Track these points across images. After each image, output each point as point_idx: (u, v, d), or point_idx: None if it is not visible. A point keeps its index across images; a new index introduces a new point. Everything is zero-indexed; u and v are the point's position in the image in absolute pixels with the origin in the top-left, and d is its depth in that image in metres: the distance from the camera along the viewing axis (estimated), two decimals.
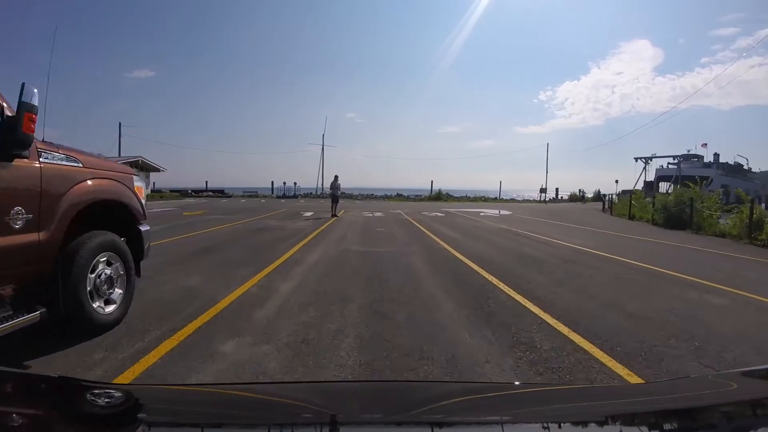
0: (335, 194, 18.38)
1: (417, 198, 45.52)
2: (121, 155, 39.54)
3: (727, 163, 60.41)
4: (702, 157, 61.43)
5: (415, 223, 15.84)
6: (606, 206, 28.25)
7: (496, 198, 49.01)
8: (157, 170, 41.59)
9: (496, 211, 25.63)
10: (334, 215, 17.88)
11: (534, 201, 49.29)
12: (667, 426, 0.90)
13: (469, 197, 48.10)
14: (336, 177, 18.65)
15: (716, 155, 61.65)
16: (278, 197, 43.79)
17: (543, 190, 51.21)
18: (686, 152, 61.05)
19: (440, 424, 0.89)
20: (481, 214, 22.84)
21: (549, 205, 41.87)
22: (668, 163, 64.57)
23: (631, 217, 20.54)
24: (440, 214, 20.93)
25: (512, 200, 49.28)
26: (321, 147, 49.76)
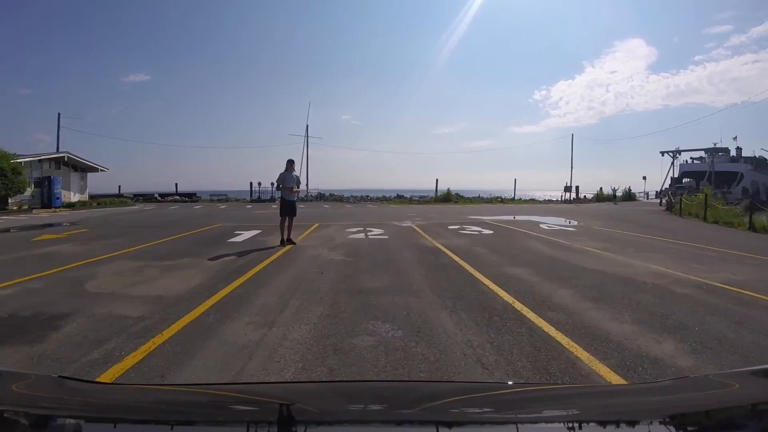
0: (288, 199, 9.14)
1: (422, 200, 36.36)
2: (59, 150, 30.49)
3: (754, 157, 53.97)
4: (729, 151, 54.83)
5: (462, 263, 6.65)
6: (669, 206, 22.87)
7: (513, 198, 40.11)
8: (94, 170, 32.36)
9: (554, 219, 16.56)
10: (286, 241, 8.77)
11: (558, 201, 40.47)
12: (666, 426, 0.80)
13: (482, 198, 39.09)
14: (290, 162, 9.25)
15: (739, 149, 55.02)
16: (251, 201, 34.61)
17: (568, 189, 42.54)
18: (712, 146, 54.67)
19: (438, 423, 0.81)
20: (545, 226, 13.70)
21: (583, 206, 32.92)
22: (691, 158, 58.16)
23: (752, 227, 13.28)
24: (486, 232, 11.72)
25: (532, 200, 40.39)
26: (305, 140, 40.52)
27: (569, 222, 15.62)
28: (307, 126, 40.51)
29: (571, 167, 44.93)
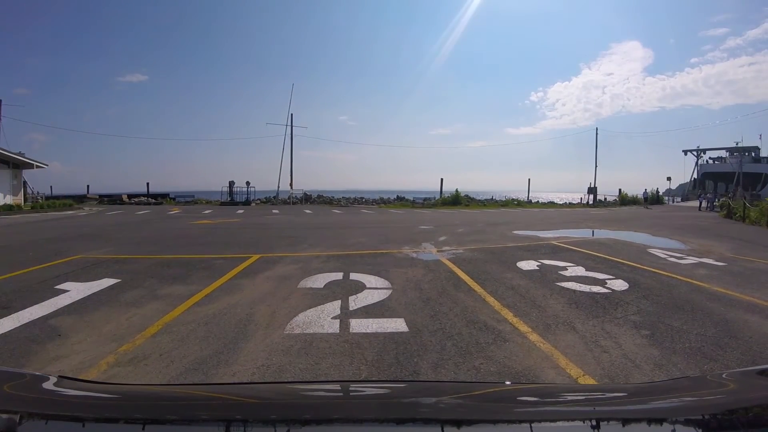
0: None
1: (427, 203, 29.79)
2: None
3: None
4: (759, 150, 49.63)
5: None
6: (730, 213, 17.86)
7: (530, 201, 33.84)
8: (29, 166, 25.65)
9: (645, 237, 10.23)
10: None
11: (580, 205, 34.31)
12: (666, 426, 0.76)
13: (496, 200, 32.70)
14: None
15: (757, 149, 50.02)
16: (222, 203, 28.07)
17: (592, 190, 36.30)
18: (735, 145, 49.59)
19: (438, 423, 0.77)
20: (661, 254, 7.21)
21: (617, 210, 26.65)
22: (710, 158, 53.01)
23: None
24: (617, 286, 5.15)
25: (552, 204, 34.10)
26: (289, 133, 33.83)
27: (674, 243, 9.35)
28: (291, 114, 33.89)
29: (596, 166, 38.66)
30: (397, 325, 3.44)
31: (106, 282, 5.10)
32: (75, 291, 4.70)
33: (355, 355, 2.82)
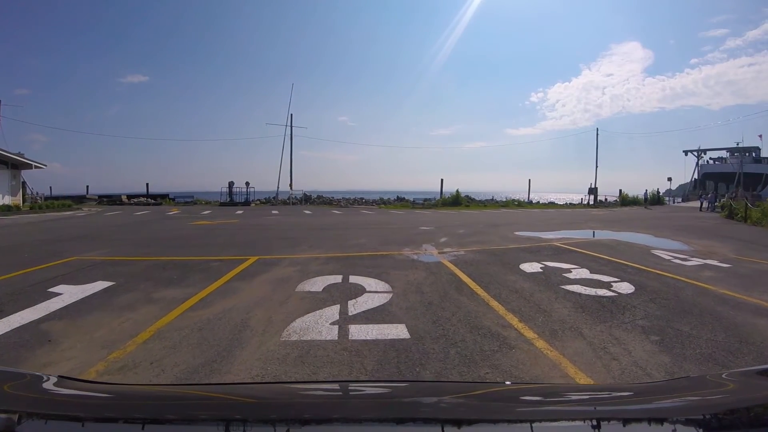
0: None
1: (427, 203, 29.66)
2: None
3: None
4: (760, 150, 49.21)
5: None
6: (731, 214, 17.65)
7: (530, 202, 33.73)
8: (28, 166, 25.55)
9: (646, 238, 10.10)
10: None
11: (581, 205, 34.19)
12: (666, 426, 0.76)
13: (496, 201, 32.57)
14: None
15: (757, 149, 49.74)
16: (221, 204, 27.94)
17: (592, 191, 36.18)
18: (735, 145, 49.26)
19: (438, 422, 0.77)
20: (663, 255, 7.07)
21: (619, 211, 26.51)
22: (710, 158, 52.73)
23: None
24: (623, 289, 4.97)
25: (552, 204, 33.98)
26: (289, 133, 33.69)
27: (677, 244, 9.23)
28: (291, 115, 33.82)
29: (596, 167, 38.47)
30: (398, 331, 3.32)
31: (100, 285, 4.97)
32: (68, 294, 4.58)
33: (355, 363, 2.69)
